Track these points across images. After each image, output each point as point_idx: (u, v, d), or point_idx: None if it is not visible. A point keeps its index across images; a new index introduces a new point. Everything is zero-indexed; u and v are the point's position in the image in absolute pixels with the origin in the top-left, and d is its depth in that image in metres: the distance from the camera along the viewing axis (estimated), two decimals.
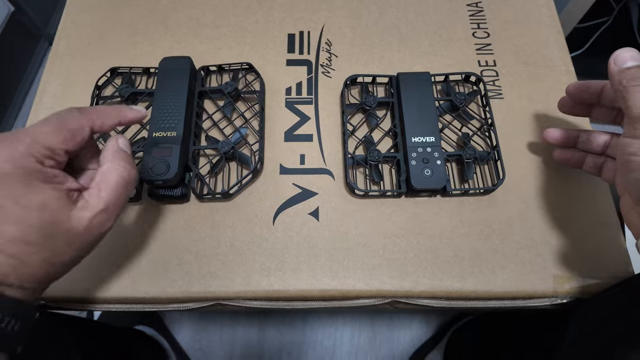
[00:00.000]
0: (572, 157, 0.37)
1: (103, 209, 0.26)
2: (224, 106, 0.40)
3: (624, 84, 0.28)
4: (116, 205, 0.27)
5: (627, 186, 0.29)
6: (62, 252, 0.25)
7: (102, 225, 0.26)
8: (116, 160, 0.28)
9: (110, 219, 0.27)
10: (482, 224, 0.37)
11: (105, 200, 0.26)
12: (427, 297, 0.35)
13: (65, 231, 0.24)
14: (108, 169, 0.27)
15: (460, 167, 0.39)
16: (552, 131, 0.37)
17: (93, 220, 0.26)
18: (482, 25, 0.46)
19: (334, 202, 0.38)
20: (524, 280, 0.35)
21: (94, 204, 0.26)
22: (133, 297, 0.35)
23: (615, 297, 0.33)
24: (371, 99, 0.40)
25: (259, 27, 0.46)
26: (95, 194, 0.26)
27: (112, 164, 0.27)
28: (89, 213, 0.25)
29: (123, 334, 0.60)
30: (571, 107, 0.37)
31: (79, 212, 0.25)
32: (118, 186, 0.27)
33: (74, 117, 0.26)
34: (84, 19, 0.46)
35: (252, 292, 0.35)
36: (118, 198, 0.27)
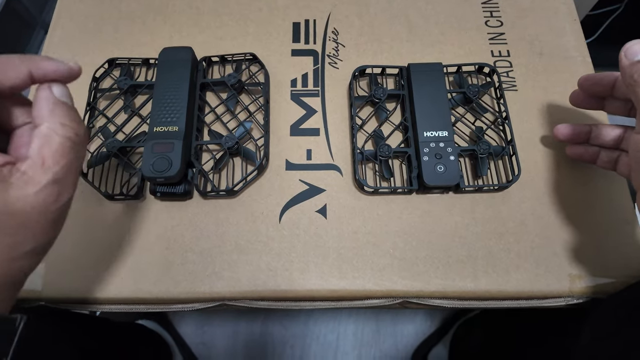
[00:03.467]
0: (585, 153, 0.36)
1: (51, 180, 0.21)
2: (227, 99, 0.39)
3: (635, 78, 0.27)
4: (68, 173, 0.22)
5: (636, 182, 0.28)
6: (15, 243, 0.21)
7: (54, 200, 0.22)
8: (56, 117, 0.22)
9: (66, 191, 0.22)
10: (496, 222, 0.36)
11: (53, 171, 0.21)
12: (439, 297, 0.34)
13: (8, 218, 0.20)
14: (48, 131, 0.22)
15: (474, 162, 0.37)
16: (562, 127, 0.36)
17: (40, 196, 0.21)
18: (495, 13, 0.44)
19: (342, 199, 0.37)
20: (539, 280, 0.34)
21: (38, 177, 0.21)
22: (135, 298, 0.33)
23: (631, 297, 0.32)
24: (381, 91, 0.38)
25: (263, 15, 0.44)
26: (38, 165, 0.21)
27: (52, 124, 0.22)
28: (33, 188, 0.21)
29: (126, 329, 0.60)
30: (583, 101, 0.36)
31: (19, 190, 0.20)
32: (65, 150, 0.22)
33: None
34: (78, 7, 0.44)
35: (259, 293, 0.34)
36: (69, 165, 0.22)
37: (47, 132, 0.22)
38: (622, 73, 0.29)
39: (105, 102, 0.39)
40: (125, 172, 0.36)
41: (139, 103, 0.39)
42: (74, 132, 0.22)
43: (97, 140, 0.37)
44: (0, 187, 0.20)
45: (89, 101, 0.38)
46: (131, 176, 0.36)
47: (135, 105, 0.39)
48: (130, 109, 0.38)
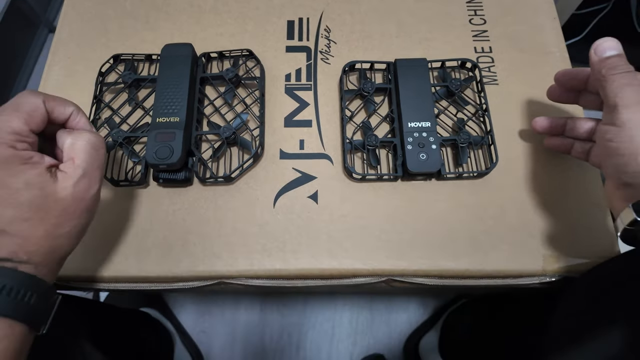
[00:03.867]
0: (561, 144, 0.38)
1: (82, 174, 0.28)
2: (225, 92, 0.41)
3: (603, 73, 0.30)
4: (94, 168, 0.29)
5: (607, 170, 0.30)
6: (59, 223, 0.27)
7: (87, 190, 0.28)
8: (75, 133, 0.29)
9: (94, 182, 0.29)
10: (476, 207, 0.38)
11: (82, 167, 0.28)
12: (422, 275, 0.36)
13: (54, 203, 0.27)
14: (73, 140, 0.29)
15: (455, 151, 0.40)
16: (540, 120, 0.38)
17: (76, 187, 0.27)
18: (479, 12, 0.47)
19: (332, 186, 0.39)
20: (515, 260, 0.36)
21: (72, 172, 0.28)
22: (139, 276, 0.36)
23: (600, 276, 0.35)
24: (369, 85, 0.41)
25: (259, 13, 0.47)
26: (70, 165, 0.28)
27: (74, 136, 0.29)
28: (70, 181, 0.27)
29: (129, 315, 0.62)
30: (559, 95, 0.38)
31: (62, 183, 0.27)
32: (88, 150, 0.29)
33: (27, 98, 0.28)
34: (85, 6, 0.47)
35: (254, 272, 0.36)
36: (93, 161, 0.29)
37: (71, 143, 0.29)
38: (591, 69, 0.31)
39: (110, 95, 0.42)
40: (129, 160, 0.39)
41: (142, 96, 0.42)
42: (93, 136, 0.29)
43: (103, 130, 0.40)
44: (51, 181, 0.27)
45: (96, 94, 0.41)
46: (135, 164, 0.39)
47: (138, 98, 0.42)
48: (134, 102, 0.41)
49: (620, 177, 0.29)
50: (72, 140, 0.29)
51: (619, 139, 0.28)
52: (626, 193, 0.29)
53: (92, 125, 0.32)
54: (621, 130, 0.28)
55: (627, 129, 0.28)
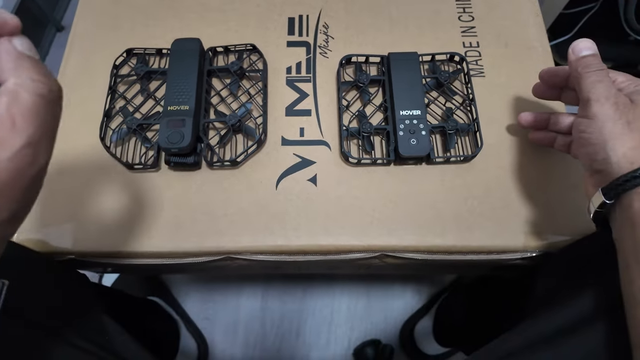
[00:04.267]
0: (545, 138, 0.41)
1: (25, 143, 0.19)
2: (231, 83, 0.45)
3: (579, 71, 0.33)
4: (43, 136, 0.20)
5: (581, 160, 0.33)
6: None
7: (31, 163, 0.20)
8: (24, 72, 0.20)
9: (41, 155, 0.20)
10: (463, 188, 0.41)
11: (27, 133, 0.19)
12: (412, 251, 0.40)
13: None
14: (15, 87, 0.19)
15: (444, 138, 0.43)
16: (525, 115, 0.41)
17: (15, 161, 0.19)
18: (468, 9, 0.50)
19: (330, 170, 0.42)
20: (498, 237, 0.39)
21: (10, 140, 0.19)
22: (153, 252, 0.39)
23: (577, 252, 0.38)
24: (364, 76, 0.44)
25: (262, 11, 0.50)
26: (8, 126, 0.19)
27: (20, 79, 0.20)
28: (6, 153, 0.19)
29: (139, 303, 0.65)
30: (544, 92, 0.41)
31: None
32: (38, 109, 0.20)
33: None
34: (98, 4, 0.50)
35: (258, 247, 0.39)
36: (43, 125, 0.20)
37: (14, 89, 0.19)
38: (569, 67, 0.34)
39: (124, 86, 0.45)
40: (142, 145, 0.42)
41: (153, 87, 0.45)
42: (47, 87, 0.20)
43: (117, 118, 0.43)
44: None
45: (110, 85, 0.44)
46: (147, 149, 0.42)
47: (150, 89, 0.45)
48: (146, 92, 0.44)
49: (592, 164, 0.31)
50: (16, 86, 0.19)
51: (590, 130, 0.31)
52: (597, 179, 0.31)
53: (35, 50, 0.21)
54: (592, 122, 0.31)
55: (597, 121, 0.31)
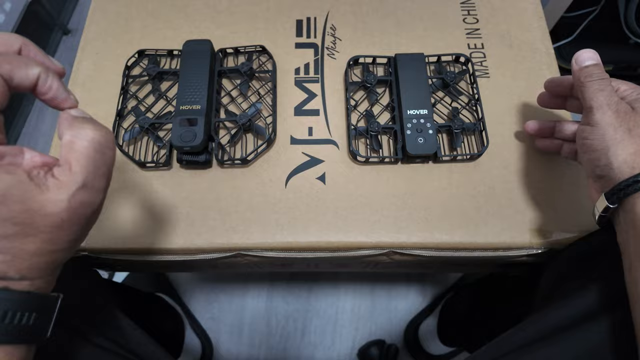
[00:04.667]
0: (551, 145, 0.42)
1: (81, 185, 0.22)
2: (241, 84, 0.45)
3: (582, 80, 0.34)
4: (97, 177, 0.23)
5: (584, 166, 0.34)
6: (52, 240, 0.22)
7: (87, 203, 0.23)
8: (77, 127, 0.23)
9: (96, 194, 0.23)
10: (469, 186, 0.42)
11: (81, 175, 0.22)
12: (420, 247, 0.40)
13: (43, 218, 0.21)
14: (72, 138, 0.23)
15: (450, 137, 0.44)
16: (531, 124, 0.42)
17: (73, 201, 0.22)
18: (472, 12, 0.51)
19: (338, 168, 0.43)
20: (505, 234, 0.40)
21: (68, 181, 0.22)
22: (164, 248, 0.40)
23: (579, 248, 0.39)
24: (372, 77, 0.45)
25: (270, 13, 0.51)
26: (66, 171, 0.22)
27: (74, 131, 0.23)
28: (65, 194, 0.22)
29: (149, 298, 0.66)
30: (548, 101, 0.42)
31: (53, 194, 0.22)
32: (91, 154, 0.23)
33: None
34: (110, 7, 0.51)
35: (268, 244, 0.40)
36: (97, 168, 0.23)
37: (70, 139, 0.23)
38: (573, 76, 0.35)
39: (136, 86, 0.46)
40: (154, 144, 0.43)
41: (165, 88, 0.46)
42: (98, 134, 0.23)
43: (130, 117, 0.44)
44: (37, 191, 0.21)
45: (123, 85, 0.45)
46: (160, 148, 0.43)
47: (161, 89, 0.46)
48: (158, 92, 0.45)
49: (594, 170, 0.32)
50: (71, 137, 0.23)
51: (593, 137, 0.32)
52: (600, 184, 0.32)
53: (69, 92, 0.24)
54: (594, 129, 0.32)
55: (599, 128, 0.32)
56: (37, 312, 0.23)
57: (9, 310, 0.21)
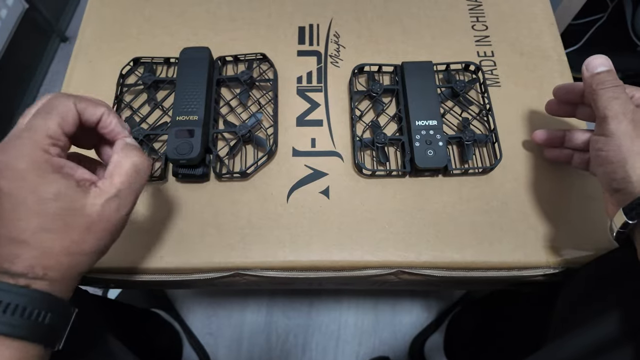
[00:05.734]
0: (561, 155, 0.40)
1: (114, 194, 0.27)
2: (240, 93, 0.43)
3: (594, 88, 0.32)
4: (129, 192, 0.28)
5: (599, 178, 0.32)
6: (81, 241, 0.26)
7: (116, 211, 0.27)
8: (126, 151, 0.29)
9: (124, 206, 0.28)
10: (481, 201, 0.40)
11: (117, 187, 0.27)
12: (430, 267, 0.38)
13: (80, 218, 0.26)
14: (120, 158, 0.28)
15: (461, 149, 0.42)
16: (539, 133, 0.40)
17: (105, 206, 0.26)
18: (481, 18, 0.49)
19: (343, 182, 0.41)
20: (519, 252, 0.38)
21: (106, 190, 0.27)
22: (158, 268, 0.38)
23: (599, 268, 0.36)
24: (377, 86, 0.43)
25: (272, 20, 0.49)
26: (107, 182, 0.27)
27: (124, 153, 0.28)
28: (101, 199, 0.26)
29: (144, 315, 0.63)
30: (558, 109, 0.40)
31: (92, 199, 0.26)
32: (130, 173, 0.28)
33: (58, 100, 0.27)
34: (105, 12, 0.49)
35: (269, 263, 0.38)
36: (130, 185, 0.28)
37: (117, 159, 0.28)
38: (584, 83, 0.33)
39: (130, 96, 0.44)
40: (149, 156, 0.41)
41: (161, 97, 0.44)
42: (139, 160, 0.29)
43: None
44: (82, 195, 0.26)
45: (117, 94, 0.43)
46: (154, 161, 0.41)
47: (157, 98, 0.44)
48: (154, 102, 0.43)
49: (611, 183, 0.30)
50: (120, 158, 0.28)
51: (608, 148, 0.30)
52: (617, 198, 0.30)
53: (127, 126, 0.31)
54: (610, 139, 0.30)
55: (615, 139, 0.30)
56: (53, 314, 0.25)
57: (28, 307, 0.23)
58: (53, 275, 0.25)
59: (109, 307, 0.53)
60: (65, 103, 0.27)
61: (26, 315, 0.23)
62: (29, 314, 0.23)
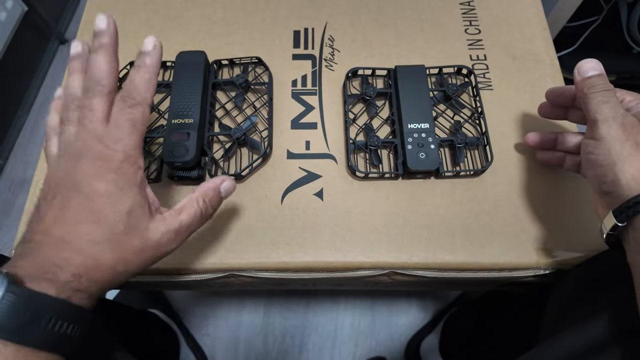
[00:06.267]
0: (553, 158, 0.40)
1: (176, 228, 0.28)
2: (236, 96, 0.44)
3: (585, 91, 0.32)
4: (186, 231, 0.29)
5: (589, 181, 0.33)
6: (129, 261, 0.26)
7: (169, 243, 0.28)
8: (205, 195, 0.30)
9: (176, 241, 0.28)
10: (472, 203, 0.40)
11: (181, 222, 0.28)
12: (422, 268, 0.38)
13: (138, 239, 0.26)
14: (196, 199, 0.29)
15: (453, 151, 0.42)
16: (531, 136, 0.40)
17: (164, 235, 0.27)
18: (474, 22, 0.50)
19: (336, 184, 0.41)
20: (510, 253, 0.38)
21: (171, 221, 0.28)
22: (153, 269, 0.37)
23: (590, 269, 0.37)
24: (371, 89, 0.43)
25: (267, 24, 0.49)
26: (174, 214, 0.28)
27: (200, 196, 0.30)
28: (164, 228, 0.27)
29: (141, 315, 0.64)
30: (550, 112, 0.40)
31: (156, 224, 0.27)
32: (195, 216, 0.29)
33: (140, 109, 0.27)
34: None
35: (263, 264, 0.38)
36: (190, 226, 0.29)
37: (194, 198, 0.30)
38: (575, 87, 0.34)
39: None
40: (145, 159, 0.41)
41: (157, 100, 0.44)
42: (206, 209, 0.30)
43: None
44: (148, 217, 0.27)
45: None
46: (150, 163, 0.41)
47: (153, 101, 0.44)
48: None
49: (601, 186, 0.31)
50: (196, 197, 0.29)
51: (598, 151, 0.31)
52: (607, 201, 0.31)
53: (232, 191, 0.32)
54: (600, 143, 0.31)
55: (605, 142, 0.30)
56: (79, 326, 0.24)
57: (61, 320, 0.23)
58: (93, 288, 0.25)
59: (107, 307, 0.53)
60: (145, 113, 0.27)
61: (57, 329, 0.23)
62: (60, 326, 0.23)
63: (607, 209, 0.31)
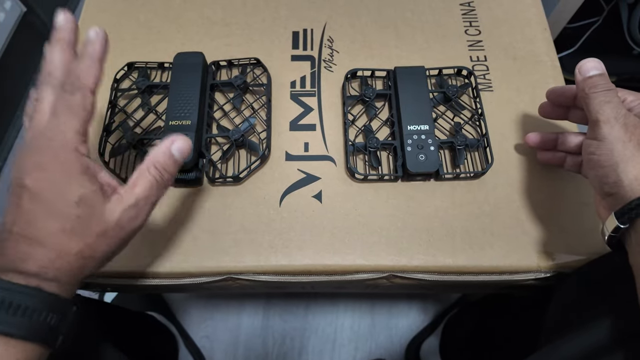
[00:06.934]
0: (554, 158, 0.40)
1: (133, 203, 0.27)
2: (234, 98, 0.44)
3: (586, 91, 0.32)
4: (146, 204, 0.28)
5: (591, 182, 0.32)
6: (94, 245, 0.26)
7: (131, 220, 0.27)
8: (159, 163, 0.28)
9: (139, 216, 0.28)
10: (473, 205, 0.40)
11: (136, 196, 0.27)
12: (422, 271, 0.38)
13: (98, 223, 0.26)
14: (147, 168, 0.28)
15: (453, 153, 0.42)
16: (532, 136, 0.40)
17: (123, 214, 0.27)
18: (474, 23, 0.49)
19: (335, 186, 0.41)
20: (510, 256, 0.38)
21: (126, 198, 0.27)
22: (151, 272, 0.38)
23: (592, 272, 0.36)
24: (370, 91, 0.43)
25: (266, 25, 0.49)
26: (129, 190, 0.27)
27: (152, 164, 0.28)
28: (120, 207, 0.27)
29: (139, 318, 0.63)
30: (551, 112, 0.40)
31: (112, 205, 0.26)
32: (151, 186, 0.28)
33: (77, 97, 0.26)
34: (101, 17, 0.50)
35: (261, 267, 0.38)
36: (148, 197, 0.28)
37: (145, 168, 0.28)
38: (576, 87, 0.33)
39: (124, 100, 0.44)
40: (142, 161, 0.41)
41: (155, 101, 0.44)
42: (162, 176, 0.29)
43: (117, 133, 0.42)
44: (103, 200, 0.26)
45: (111, 99, 0.43)
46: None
47: (151, 103, 0.44)
48: (147, 107, 0.43)
49: (603, 187, 0.30)
50: (147, 167, 0.28)
51: (600, 152, 0.30)
52: (609, 202, 0.30)
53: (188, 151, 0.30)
54: (602, 143, 0.30)
55: (607, 143, 0.30)
56: (58, 315, 0.25)
57: (37, 309, 0.23)
58: (63, 277, 0.25)
59: (105, 310, 0.53)
60: (85, 99, 0.26)
61: (34, 317, 0.23)
62: (37, 315, 0.23)
63: (609, 210, 0.30)
